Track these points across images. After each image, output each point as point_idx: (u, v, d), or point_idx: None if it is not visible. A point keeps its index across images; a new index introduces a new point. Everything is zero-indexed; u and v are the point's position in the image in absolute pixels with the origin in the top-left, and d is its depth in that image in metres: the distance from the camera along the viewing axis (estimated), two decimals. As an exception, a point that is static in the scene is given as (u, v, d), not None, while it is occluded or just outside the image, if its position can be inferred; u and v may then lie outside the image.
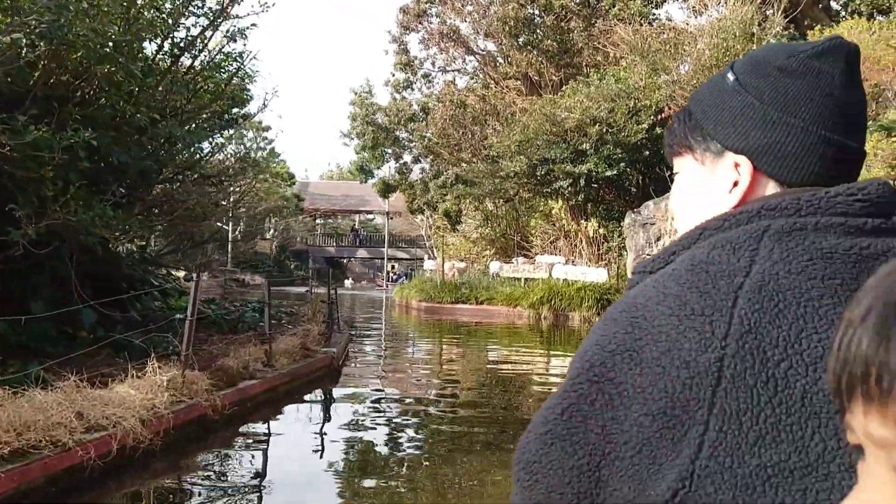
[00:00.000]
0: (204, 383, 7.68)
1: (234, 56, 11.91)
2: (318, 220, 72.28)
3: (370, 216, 69.81)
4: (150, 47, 10.54)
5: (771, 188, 0.96)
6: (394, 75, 33.22)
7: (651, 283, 0.89)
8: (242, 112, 17.96)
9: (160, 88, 10.25)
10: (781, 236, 0.87)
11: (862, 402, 0.54)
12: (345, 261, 69.28)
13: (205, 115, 11.89)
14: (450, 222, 34.56)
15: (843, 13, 26.27)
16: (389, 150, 33.40)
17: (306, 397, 10.06)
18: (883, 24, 18.85)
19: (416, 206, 33.58)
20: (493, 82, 31.34)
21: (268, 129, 68.74)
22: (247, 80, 13.26)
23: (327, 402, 9.94)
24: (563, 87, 26.95)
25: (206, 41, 11.27)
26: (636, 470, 0.78)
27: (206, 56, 11.54)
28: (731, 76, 1.00)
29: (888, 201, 0.90)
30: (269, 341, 9.94)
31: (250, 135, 68.14)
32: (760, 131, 0.95)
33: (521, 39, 28.91)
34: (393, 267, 61.61)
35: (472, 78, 32.61)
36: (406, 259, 60.71)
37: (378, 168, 33.59)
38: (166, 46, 10.72)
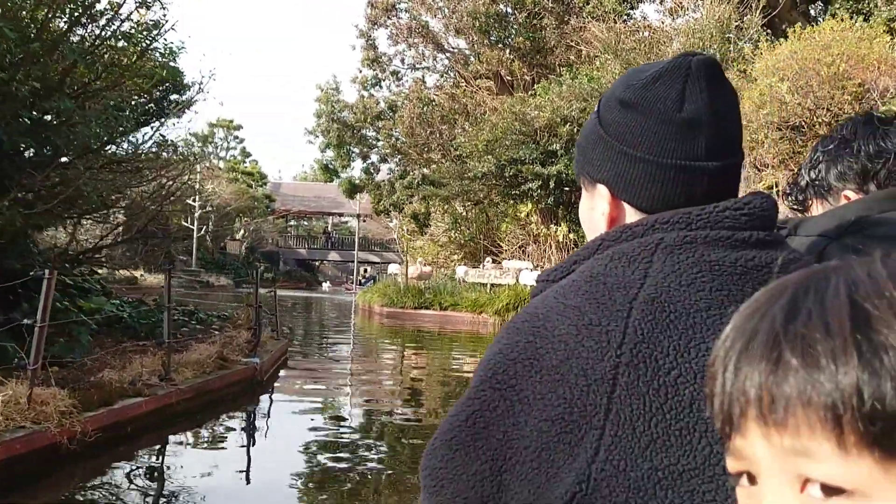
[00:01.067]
0: (62, 403, 6.23)
1: (146, 26, 10.43)
2: (291, 222, 70.77)
3: (344, 219, 68.26)
4: (42, 12, 9.06)
5: (631, 215, 0.98)
6: (361, 72, 31.83)
7: (552, 293, 0.91)
8: (183, 99, 16.50)
9: (54, 58, 8.78)
10: (673, 249, 0.88)
11: (757, 424, 0.53)
12: (317, 263, 67.80)
13: (116, 95, 10.41)
14: (417, 225, 33.15)
15: (822, 18, 25.19)
16: (356, 150, 31.97)
17: (216, 417, 8.61)
18: (864, 26, 17.71)
19: (381, 207, 32.13)
20: (463, 81, 30.02)
21: (239, 127, 67.39)
22: (170, 57, 11.77)
23: (242, 422, 8.48)
24: (535, 87, 25.67)
25: (116, 8, 9.82)
26: (536, 474, 0.79)
27: (116, 26, 10.08)
28: (595, 111, 1.04)
29: (770, 214, 0.94)
30: (168, 350, 8.48)
31: (221, 133, 66.75)
32: (610, 163, 0.98)
33: (492, 37, 27.62)
34: (366, 270, 60.20)
35: (441, 76, 31.26)
36: (378, 263, 59.25)
37: (344, 168, 32.12)
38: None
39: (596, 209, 1.03)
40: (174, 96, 16.55)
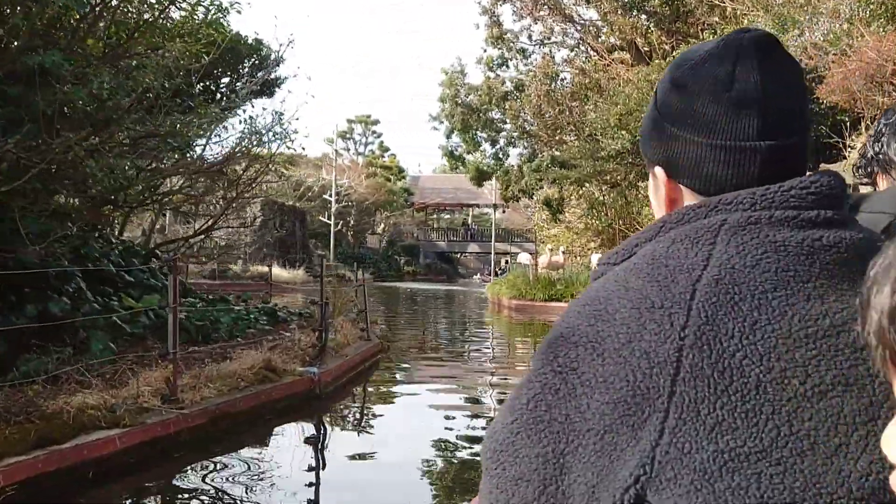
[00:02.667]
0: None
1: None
2: (432, 215, 69.60)
3: (484, 210, 66.29)
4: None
5: (688, 197, 0.97)
6: (485, 51, 29.57)
7: (613, 276, 0.90)
8: (270, 76, 14.81)
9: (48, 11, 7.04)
10: (737, 230, 0.87)
11: None
12: (457, 255, 66.30)
13: (155, 60, 8.64)
14: (551, 211, 30.64)
15: None
16: (483, 135, 29.82)
17: (232, 450, 6.62)
18: None
19: (510, 193, 29.78)
20: (595, 54, 27.28)
21: (376, 122, 66.67)
22: (220, 15, 9.90)
23: (262, 461, 6.44)
24: (674, 54, 22.67)
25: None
26: (598, 457, 0.78)
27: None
28: (654, 92, 1.02)
29: (838, 193, 0.91)
30: (175, 361, 6.55)
31: (359, 129, 66.23)
32: (664, 145, 0.97)
33: (625, 2, 24.77)
34: (506, 262, 58.09)
35: (572, 51, 28.60)
36: (518, 253, 56.93)
37: (470, 153, 29.99)
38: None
39: (657, 192, 1.02)
40: (260, 74, 14.88)
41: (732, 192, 0.90)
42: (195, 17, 9.29)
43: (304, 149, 13.59)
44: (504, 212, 62.20)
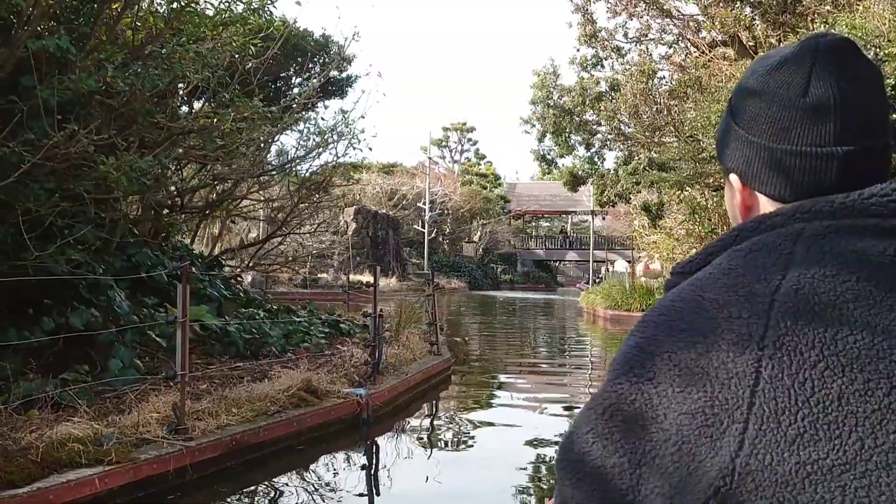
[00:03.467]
0: None
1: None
2: (530, 223, 68.28)
3: (583, 217, 64.49)
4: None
5: (765, 205, 0.96)
6: (578, 51, 28.06)
7: (689, 286, 0.88)
8: (339, 75, 13.99)
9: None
10: (816, 239, 0.85)
11: None
12: (555, 264, 64.74)
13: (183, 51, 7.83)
14: (649, 217, 28.99)
15: None
16: (577, 137, 28.43)
17: (244, 492, 5.67)
18: None
19: (605, 198, 28.25)
20: (695, 49, 25.61)
21: (472, 129, 65.76)
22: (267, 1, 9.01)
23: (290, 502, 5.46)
24: (781, 46, 20.88)
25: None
26: (676, 468, 0.77)
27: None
28: (728, 99, 1.02)
29: None
30: (182, 385, 5.63)
31: (455, 137, 65.44)
32: (739, 152, 0.96)
33: (727, -7, 23.05)
34: (606, 270, 56.21)
35: (670, 47, 26.94)
36: (615, 261, 54.97)
37: (563, 157, 28.62)
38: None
39: (732, 199, 1.01)
40: (321, 71, 14.08)
41: (810, 200, 0.89)
42: (235, 6, 8.43)
43: (370, 149, 12.52)
44: (604, 219, 60.34)
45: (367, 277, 35.73)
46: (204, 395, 6.53)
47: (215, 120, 7.66)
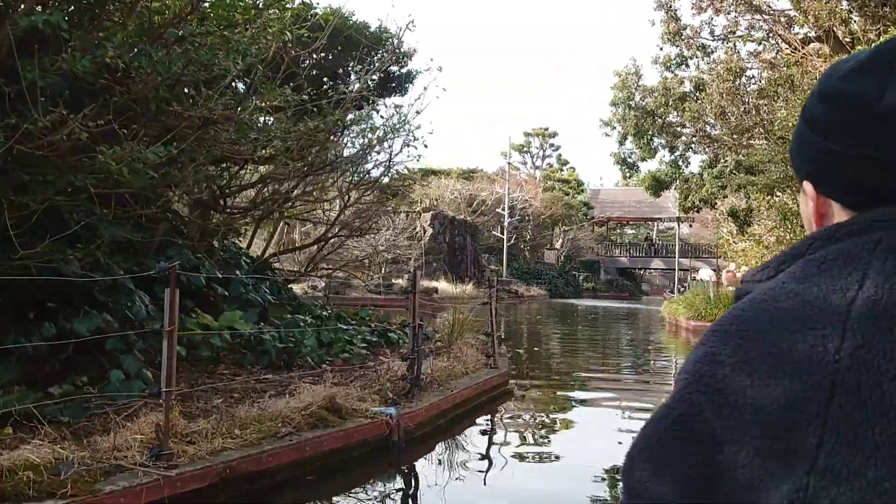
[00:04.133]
0: None
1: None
2: (614, 230, 66.57)
3: (670, 224, 62.42)
4: None
5: (839, 213, 0.90)
6: (661, 49, 26.69)
7: (760, 295, 0.85)
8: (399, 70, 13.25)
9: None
10: (895, 249, 0.81)
11: None
12: (640, 272, 62.85)
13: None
14: (737, 223, 27.37)
15: None
16: (661, 140, 27.03)
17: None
18: None
19: (689, 203, 26.73)
20: (787, 46, 24.02)
21: (554, 135, 64.41)
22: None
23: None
24: (881, 40, 19.24)
25: None
26: (748, 481, 0.75)
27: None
28: (804, 103, 0.97)
29: None
30: (168, 402, 4.85)
31: (537, 143, 64.20)
32: (812, 159, 0.91)
33: (821, -16, 21.47)
34: (692, 278, 54.12)
35: (759, 44, 25.35)
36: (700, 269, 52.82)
37: (644, 160, 27.21)
38: None
39: (806, 207, 0.96)
40: (394, 68, 13.36)
41: (886, 208, 0.84)
42: None
43: (426, 146, 11.72)
44: (691, 226, 58.30)
45: (442, 284, 35.01)
46: (207, 413, 5.78)
47: (239, 109, 6.92)
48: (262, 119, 8.50)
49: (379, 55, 12.60)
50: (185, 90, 7.00)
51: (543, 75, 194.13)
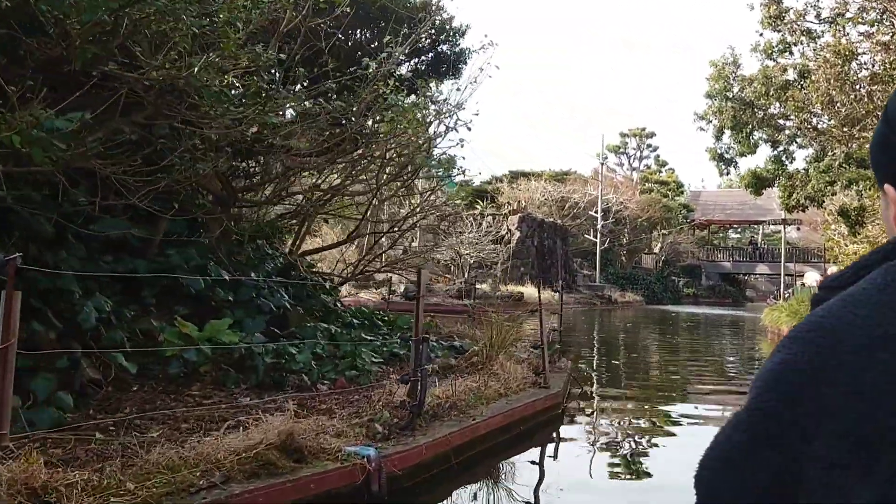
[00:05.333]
0: None
1: None
2: (716, 233, 63.18)
3: (777, 227, 58.65)
4: None
5: None
6: (762, 35, 24.24)
7: (839, 302, 0.81)
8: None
9: None
10: None
11: None
12: (744, 277, 59.27)
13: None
14: (848, 224, 24.61)
15: None
16: (761, 134, 24.51)
17: None
18: None
19: (793, 201, 24.08)
20: (905, 26, 21.30)
21: (652, 135, 61.51)
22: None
23: None
24: None
25: None
26: (826, 491, 0.72)
27: None
28: (886, 104, 0.93)
29: None
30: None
31: (633, 143, 61.40)
32: (892, 160, 0.88)
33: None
34: (802, 285, 50.49)
35: (872, 26, 22.63)
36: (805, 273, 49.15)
37: (743, 155, 24.63)
38: None
39: (887, 210, 0.92)
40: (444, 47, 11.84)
41: None
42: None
43: (469, 129, 10.09)
44: (798, 229, 54.61)
45: (528, 289, 33.19)
46: (104, 456, 4.34)
47: (196, 70, 5.49)
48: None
49: (423, 28, 11.06)
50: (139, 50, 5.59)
51: (563, 46, 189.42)
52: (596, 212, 43.07)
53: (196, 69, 5.22)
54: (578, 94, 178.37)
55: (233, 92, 6.56)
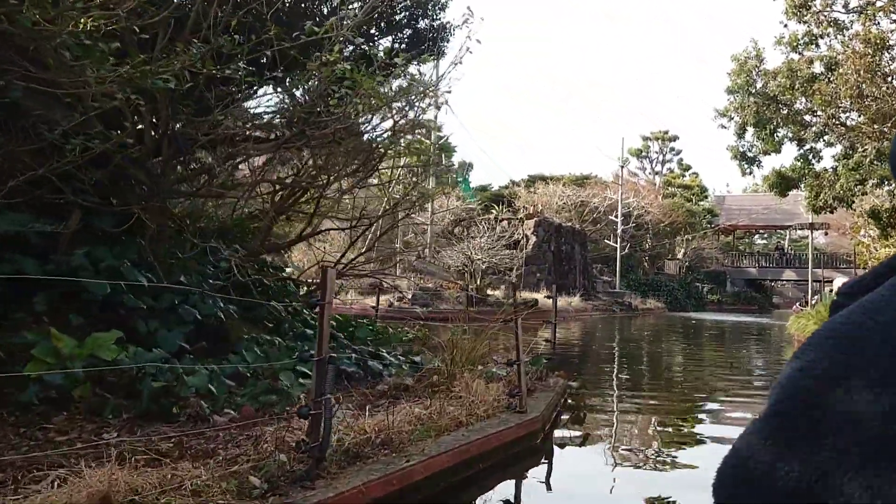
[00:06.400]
0: None
1: None
2: (742, 238, 61.12)
3: (804, 232, 56.47)
4: None
5: None
6: (786, 27, 22.51)
7: (858, 308, 0.76)
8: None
9: None
10: None
11: None
12: (770, 283, 57.12)
13: None
14: (879, 226, 22.80)
15: None
16: (786, 132, 22.80)
17: None
18: None
19: (821, 202, 22.27)
20: (940, 13, 19.58)
21: (675, 138, 59.59)
22: None
23: None
24: None
25: None
26: (849, 497, 0.67)
27: None
28: None
29: None
30: None
31: (656, 147, 59.52)
32: None
33: None
34: (831, 291, 48.33)
35: (905, 14, 20.85)
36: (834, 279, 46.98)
37: (768, 153, 22.85)
38: None
39: None
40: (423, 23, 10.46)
41: None
42: None
43: (438, 108, 8.63)
44: (826, 234, 52.55)
45: (543, 295, 31.60)
46: None
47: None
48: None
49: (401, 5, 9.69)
50: None
51: (545, 17, 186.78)
52: (616, 216, 41.35)
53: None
54: (560, 66, 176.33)
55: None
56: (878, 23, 20.34)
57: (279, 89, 8.42)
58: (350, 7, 7.95)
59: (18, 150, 6.04)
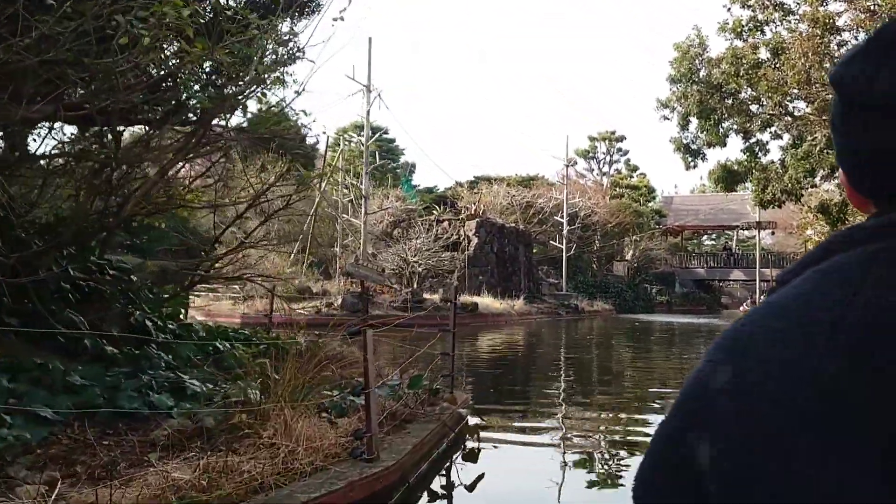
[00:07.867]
0: None
1: None
2: (690, 239, 60.04)
3: (751, 232, 55.52)
4: None
5: (872, 206, 0.81)
6: (730, 11, 20.93)
7: (765, 307, 0.76)
8: None
9: None
10: (893, 262, 0.71)
11: None
12: (719, 283, 56.08)
13: None
14: (829, 221, 21.28)
15: None
16: (731, 123, 21.16)
17: None
18: None
19: (768, 195, 20.57)
20: (890, -7, 18.03)
21: (622, 139, 58.25)
22: None
23: None
24: None
25: None
26: None
27: None
28: None
29: None
30: None
31: (603, 147, 58.12)
32: (836, 149, 0.85)
33: None
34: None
35: (854, -2, 19.30)
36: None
37: (713, 146, 21.18)
38: None
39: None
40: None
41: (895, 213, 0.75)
42: None
43: (290, 82, 6.51)
44: (773, 233, 51.55)
45: (486, 299, 29.67)
46: None
47: None
48: None
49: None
50: None
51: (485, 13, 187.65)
52: (561, 216, 39.65)
53: None
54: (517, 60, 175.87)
55: None
56: (827, 3, 18.81)
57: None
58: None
59: None
